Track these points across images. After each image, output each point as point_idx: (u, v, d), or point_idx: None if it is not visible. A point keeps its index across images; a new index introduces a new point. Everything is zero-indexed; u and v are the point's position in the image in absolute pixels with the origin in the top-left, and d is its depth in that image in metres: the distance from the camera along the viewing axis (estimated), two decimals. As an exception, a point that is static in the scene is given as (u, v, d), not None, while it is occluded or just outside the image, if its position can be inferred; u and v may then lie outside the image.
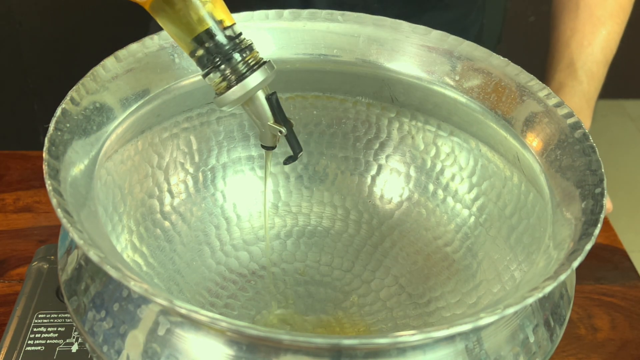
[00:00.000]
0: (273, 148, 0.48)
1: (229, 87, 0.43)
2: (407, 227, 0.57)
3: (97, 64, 0.46)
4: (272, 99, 0.45)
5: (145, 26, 0.81)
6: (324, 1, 0.73)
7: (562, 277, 0.36)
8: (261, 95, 0.45)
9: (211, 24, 0.42)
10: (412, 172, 0.57)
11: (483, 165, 0.53)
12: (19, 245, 0.64)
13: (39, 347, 0.51)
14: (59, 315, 0.53)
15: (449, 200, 0.56)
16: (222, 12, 0.43)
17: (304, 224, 0.59)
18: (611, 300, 0.63)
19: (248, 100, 0.45)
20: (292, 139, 0.47)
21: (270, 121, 0.46)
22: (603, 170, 0.43)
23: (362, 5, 0.54)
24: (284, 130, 0.46)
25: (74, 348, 0.51)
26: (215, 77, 0.43)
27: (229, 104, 0.44)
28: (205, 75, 0.44)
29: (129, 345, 0.38)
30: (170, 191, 0.55)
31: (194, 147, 0.55)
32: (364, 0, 0.72)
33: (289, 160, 0.49)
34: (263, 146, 0.48)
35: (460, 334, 0.38)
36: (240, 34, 0.44)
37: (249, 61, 0.43)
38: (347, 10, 0.54)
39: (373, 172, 0.58)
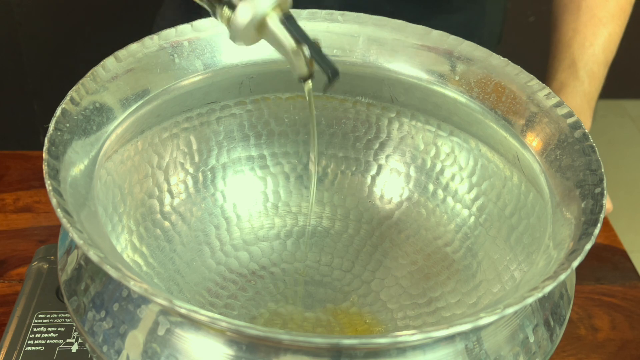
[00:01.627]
0: (310, 77, 0.44)
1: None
2: (407, 227, 0.57)
3: (97, 64, 0.46)
4: (286, 21, 0.42)
5: (146, 26, 0.81)
6: (335, 4, 0.73)
7: (562, 277, 0.36)
8: (274, 19, 0.42)
9: None
10: (412, 172, 0.57)
11: (483, 165, 0.53)
12: (19, 245, 0.64)
13: (39, 347, 0.51)
14: (59, 315, 0.53)
15: (449, 200, 0.56)
16: None
17: (304, 224, 0.59)
18: (611, 301, 0.63)
19: (263, 28, 0.42)
20: (319, 59, 0.43)
21: (293, 46, 0.43)
22: (603, 170, 0.43)
23: (373, 9, 0.53)
24: (306, 49, 0.42)
25: (74, 348, 0.51)
26: (223, 11, 0.41)
27: (241, 32, 0.41)
28: (215, 15, 0.42)
29: (128, 345, 0.38)
30: (170, 191, 0.55)
31: (194, 147, 0.55)
32: (376, 4, 0.72)
33: (327, 86, 0.44)
34: (299, 79, 0.45)
35: (460, 334, 0.38)
36: None
37: None
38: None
39: (373, 172, 0.58)
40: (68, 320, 0.53)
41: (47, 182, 0.38)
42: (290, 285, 0.56)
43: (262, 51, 0.52)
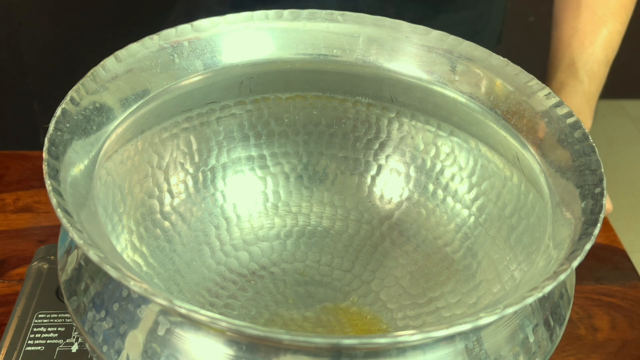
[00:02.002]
0: None
1: None
2: (407, 227, 0.57)
3: (97, 64, 0.46)
4: None
5: (147, 26, 0.81)
6: (336, 5, 0.73)
7: (562, 277, 0.36)
8: None
9: None
10: (412, 172, 0.57)
11: (483, 165, 0.54)
12: (19, 245, 0.64)
13: (39, 347, 0.51)
14: (59, 315, 0.53)
15: (449, 200, 0.56)
16: None
17: (304, 224, 0.59)
18: (611, 300, 0.63)
19: None
20: None
21: None
22: (603, 170, 0.43)
23: (378, 12, 0.53)
24: None
25: (74, 348, 0.51)
26: None
27: None
28: None
29: (128, 345, 0.38)
30: (170, 191, 0.55)
31: (194, 147, 0.55)
32: (381, 7, 0.71)
33: None
34: None
35: (460, 334, 0.38)
36: None
37: None
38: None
39: (373, 172, 0.58)
40: (68, 320, 0.53)
41: (47, 182, 0.38)
42: (291, 285, 0.56)
43: (262, 51, 0.53)
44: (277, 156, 0.58)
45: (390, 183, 0.58)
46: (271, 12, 0.53)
